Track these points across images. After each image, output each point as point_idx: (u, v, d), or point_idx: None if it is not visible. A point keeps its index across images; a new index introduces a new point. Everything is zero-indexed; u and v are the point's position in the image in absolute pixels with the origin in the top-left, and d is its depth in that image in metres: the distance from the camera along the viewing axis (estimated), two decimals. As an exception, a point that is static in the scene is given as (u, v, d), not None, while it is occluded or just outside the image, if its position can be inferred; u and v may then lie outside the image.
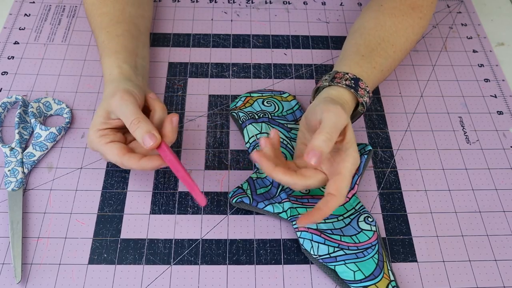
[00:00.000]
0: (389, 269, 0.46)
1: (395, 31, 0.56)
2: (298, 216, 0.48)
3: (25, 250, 0.47)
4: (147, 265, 0.47)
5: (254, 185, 0.51)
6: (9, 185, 0.50)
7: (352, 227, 0.48)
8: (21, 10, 0.67)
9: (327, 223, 0.48)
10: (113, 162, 0.46)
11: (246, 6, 0.70)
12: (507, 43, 0.68)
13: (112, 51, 0.53)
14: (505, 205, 0.52)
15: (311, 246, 0.46)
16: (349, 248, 0.46)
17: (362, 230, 0.47)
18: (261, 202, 0.49)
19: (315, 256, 0.46)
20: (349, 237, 0.47)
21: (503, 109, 0.61)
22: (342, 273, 0.45)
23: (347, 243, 0.46)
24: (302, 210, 0.48)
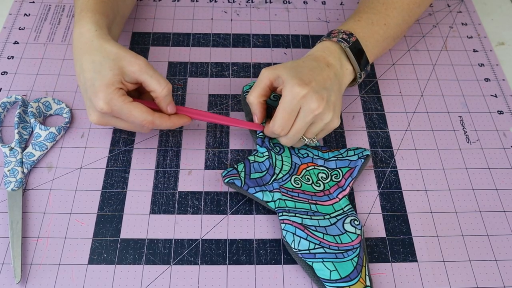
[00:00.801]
0: (367, 274, 0.46)
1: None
2: (286, 208, 0.48)
3: (25, 250, 0.47)
4: (147, 265, 0.47)
5: (250, 168, 0.51)
6: (9, 185, 0.50)
7: (337, 227, 0.48)
8: (21, 10, 0.67)
9: (313, 219, 0.48)
10: (139, 121, 0.46)
11: (246, 5, 0.70)
12: (507, 43, 0.68)
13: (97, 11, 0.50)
14: (505, 205, 0.52)
15: (293, 240, 0.46)
16: (330, 247, 0.46)
17: (346, 232, 0.47)
18: (252, 187, 0.49)
19: (295, 250, 0.46)
20: (331, 237, 0.47)
21: (504, 108, 0.60)
22: (318, 271, 0.45)
23: (328, 242, 0.46)
24: (291, 203, 0.48)
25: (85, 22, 0.48)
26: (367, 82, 0.62)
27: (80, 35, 0.48)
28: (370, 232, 0.50)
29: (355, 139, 0.56)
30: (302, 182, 0.51)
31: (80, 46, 0.47)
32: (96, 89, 0.45)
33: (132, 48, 0.63)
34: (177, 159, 0.54)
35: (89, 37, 0.47)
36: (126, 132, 0.56)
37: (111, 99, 0.44)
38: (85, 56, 0.46)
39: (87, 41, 0.47)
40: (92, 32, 0.47)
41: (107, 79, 0.44)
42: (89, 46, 0.47)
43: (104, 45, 0.46)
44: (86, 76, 0.46)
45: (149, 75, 0.46)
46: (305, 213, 0.48)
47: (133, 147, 0.55)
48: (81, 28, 0.48)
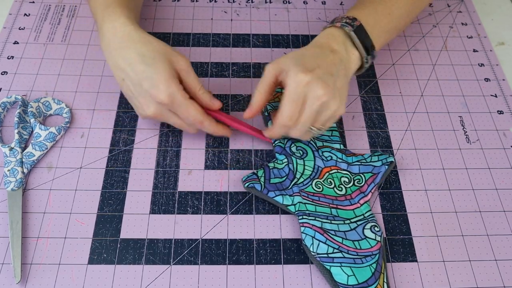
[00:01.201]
0: (385, 281, 0.45)
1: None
2: (306, 211, 0.48)
3: (25, 250, 0.47)
4: (147, 265, 0.47)
5: (269, 174, 0.51)
6: (9, 185, 0.50)
7: (356, 232, 0.48)
8: (21, 10, 0.67)
9: (332, 223, 0.48)
10: (192, 119, 0.48)
11: (246, 5, 0.70)
12: (507, 43, 0.68)
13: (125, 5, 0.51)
14: (505, 205, 0.52)
15: (312, 243, 0.46)
16: (348, 252, 0.46)
17: (366, 238, 0.47)
18: (272, 191, 0.49)
19: (314, 253, 0.46)
20: (351, 242, 0.47)
21: (504, 108, 0.60)
22: (336, 275, 0.45)
23: (347, 247, 0.46)
24: (311, 207, 0.48)
25: (117, 16, 0.48)
26: (367, 82, 0.62)
27: (114, 29, 0.48)
28: (370, 232, 0.50)
29: (355, 139, 0.56)
30: (324, 186, 0.51)
31: (116, 40, 0.48)
32: (155, 81, 0.45)
33: (132, 48, 0.63)
34: (177, 159, 0.54)
35: (126, 30, 0.47)
36: (126, 132, 0.56)
37: (172, 92, 0.46)
38: (128, 50, 0.47)
39: (125, 35, 0.47)
40: (128, 25, 0.48)
41: (167, 72, 0.45)
42: (129, 39, 0.47)
43: (147, 38, 0.47)
44: (137, 68, 0.46)
45: (192, 74, 0.48)
46: (325, 217, 0.48)
47: (133, 147, 0.55)
48: (113, 22, 0.48)
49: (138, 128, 0.56)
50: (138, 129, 0.56)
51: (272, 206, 0.51)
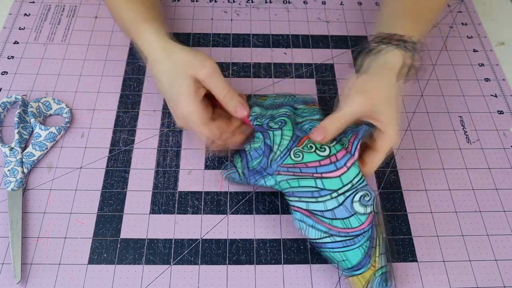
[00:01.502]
0: (379, 254, 0.44)
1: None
2: (290, 190, 0.46)
3: (25, 250, 0.47)
4: (147, 265, 0.47)
5: (247, 158, 0.49)
6: (9, 185, 0.50)
7: (345, 208, 0.44)
8: (21, 10, 0.67)
9: (319, 201, 0.45)
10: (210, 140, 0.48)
11: (246, 5, 0.70)
12: (507, 43, 0.68)
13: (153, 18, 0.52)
14: (506, 205, 0.52)
15: (300, 228, 0.45)
16: (338, 234, 0.44)
17: (355, 214, 0.44)
18: (252, 176, 0.48)
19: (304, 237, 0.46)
20: (340, 221, 0.44)
21: (504, 108, 0.60)
22: (329, 260, 0.45)
23: (337, 228, 0.44)
24: (294, 182, 0.46)
25: (148, 33, 0.50)
26: (367, 82, 0.62)
27: (149, 49, 0.50)
28: (370, 232, 0.50)
29: (355, 139, 0.56)
30: (303, 153, 0.46)
31: (151, 58, 0.50)
32: (176, 101, 0.47)
33: (133, 47, 0.63)
34: (177, 159, 0.54)
35: (156, 48, 0.49)
36: (126, 132, 0.56)
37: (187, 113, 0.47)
38: (157, 67, 0.49)
39: (156, 54, 0.49)
40: (158, 43, 0.49)
41: (186, 91, 0.46)
42: (159, 56, 0.49)
43: (170, 55, 0.48)
44: (163, 86, 0.49)
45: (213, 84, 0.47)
46: (310, 195, 0.45)
47: (133, 147, 0.55)
48: (147, 40, 0.50)
49: (138, 128, 0.56)
50: (138, 129, 0.56)
51: (272, 206, 0.51)
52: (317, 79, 0.62)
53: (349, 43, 0.66)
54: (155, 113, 0.58)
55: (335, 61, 0.64)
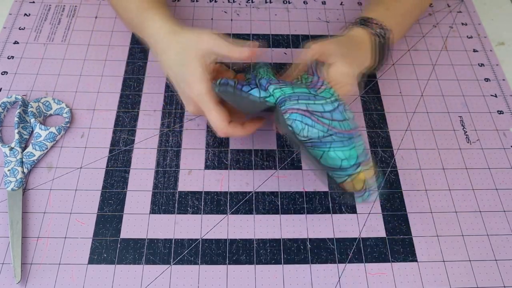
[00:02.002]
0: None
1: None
2: (286, 95, 0.45)
3: (25, 250, 0.47)
4: (147, 265, 0.47)
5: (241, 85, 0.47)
6: (9, 185, 0.50)
7: (340, 112, 0.45)
8: (21, 10, 0.67)
9: (317, 103, 0.45)
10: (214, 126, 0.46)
11: (246, 5, 0.70)
12: (507, 43, 0.68)
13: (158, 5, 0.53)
14: (505, 205, 0.52)
15: (302, 128, 0.44)
16: (337, 135, 0.44)
17: (347, 119, 0.45)
18: (247, 85, 0.47)
19: (305, 138, 0.44)
20: (338, 123, 0.45)
21: (504, 108, 0.60)
22: (329, 160, 0.44)
23: (335, 129, 0.44)
24: (288, 89, 0.46)
25: (154, 20, 0.51)
26: (367, 82, 0.62)
27: (155, 35, 0.50)
28: (370, 232, 0.50)
29: (355, 139, 0.56)
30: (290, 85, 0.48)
31: (159, 45, 0.50)
32: (188, 82, 0.47)
33: (133, 47, 0.64)
34: (177, 159, 0.54)
35: (163, 33, 0.50)
36: (126, 132, 0.56)
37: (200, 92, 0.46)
38: (167, 53, 0.49)
39: (164, 38, 0.49)
40: (165, 28, 0.50)
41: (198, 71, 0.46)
42: (167, 42, 0.49)
43: (177, 37, 0.48)
44: (174, 71, 0.48)
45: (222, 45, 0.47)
46: (307, 97, 0.45)
47: (133, 147, 0.55)
48: (153, 27, 0.50)
49: (138, 128, 0.56)
50: (138, 129, 0.56)
51: (272, 206, 0.51)
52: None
53: (349, 43, 0.66)
54: (155, 113, 0.58)
55: (335, 61, 0.64)
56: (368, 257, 0.48)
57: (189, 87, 0.47)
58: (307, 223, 0.50)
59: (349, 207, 0.51)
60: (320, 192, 0.52)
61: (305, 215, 0.51)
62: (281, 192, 0.52)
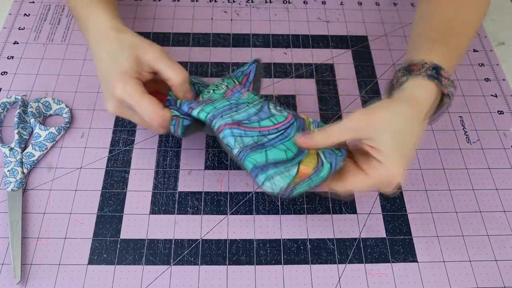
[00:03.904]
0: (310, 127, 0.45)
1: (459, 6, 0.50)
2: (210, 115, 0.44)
3: (25, 250, 0.47)
4: (147, 266, 0.47)
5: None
6: (9, 185, 0.50)
7: (265, 111, 0.46)
8: (21, 10, 0.67)
9: (240, 112, 0.45)
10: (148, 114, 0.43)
11: (246, 5, 0.70)
12: (507, 43, 0.68)
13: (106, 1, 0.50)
14: (506, 205, 0.52)
15: (235, 141, 0.43)
16: (270, 132, 0.44)
17: (274, 115, 0.45)
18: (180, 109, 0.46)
19: (241, 148, 0.42)
20: (267, 120, 0.45)
21: (504, 108, 0.60)
22: (275, 156, 0.42)
23: (267, 127, 0.44)
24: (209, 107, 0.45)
25: (98, 13, 0.49)
26: (367, 82, 0.62)
27: (95, 27, 0.48)
28: (370, 232, 0.50)
29: (355, 139, 0.56)
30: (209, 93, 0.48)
31: (97, 37, 0.48)
32: (112, 77, 0.45)
33: (132, 48, 0.63)
34: (177, 159, 0.54)
35: (104, 28, 0.48)
36: (126, 132, 0.56)
37: (125, 86, 0.44)
38: (102, 47, 0.47)
39: (103, 32, 0.48)
40: (107, 22, 0.48)
41: (123, 68, 0.44)
42: (105, 36, 0.47)
43: (120, 35, 0.47)
44: (104, 66, 0.46)
45: (164, 63, 0.45)
46: (228, 109, 0.45)
47: (133, 147, 0.55)
48: (95, 19, 0.49)
49: (138, 128, 0.56)
50: (138, 129, 0.56)
51: (272, 206, 0.51)
52: (317, 79, 0.62)
53: (349, 43, 0.66)
54: (155, 113, 0.57)
55: (335, 61, 0.64)
56: (368, 257, 0.48)
57: (113, 84, 0.44)
58: (307, 224, 0.50)
59: (349, 208, 0.51)
60: (320, 192, 0.52)
61: (305, 215, 0.51)
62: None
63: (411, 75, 0.44)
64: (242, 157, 0.42)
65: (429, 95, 0.43)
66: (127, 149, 0.54)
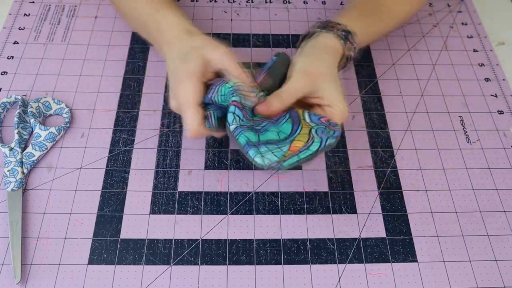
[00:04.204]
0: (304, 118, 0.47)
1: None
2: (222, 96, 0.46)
3: (25, 250, 0.47)
4: (147, 266, 0.47)
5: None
6: (9, 185, 0.50)
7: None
8: (21, 10, 0.67)
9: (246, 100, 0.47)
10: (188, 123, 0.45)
11: (246, 5, 0.70)
12: (507, 43, 0.68)
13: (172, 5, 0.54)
14: (506, 205, 0.52)
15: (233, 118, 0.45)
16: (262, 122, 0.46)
17: None
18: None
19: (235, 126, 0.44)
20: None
21: (504, 108, 0.60)
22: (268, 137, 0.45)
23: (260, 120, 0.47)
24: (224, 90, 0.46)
25: (169, 18, 0.52)
26: (367, 82, 0.62)
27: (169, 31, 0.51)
28: (370, 232, 0.50)
29: (355, 139, 0.56)
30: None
31: (171, 40, 0.50)
32: (178, 77, 0.47)
33: (133, 47, 0.63)
34: (177, 159, 0.54)
35: (178, 31, 0.50)
36: (126, 132, 0.56)
37: (190, 92, 0.46)
38: (174, 48, 0.49)
39: (176, 35, 0.50)
40: (179, 26, 0.51)
41: (190, 68, 0.46)
42: (178, 39, 0.50)
43: (191, 37, 0.50)
44: (173, 65, 0.48)
45: (227, 64, 0.47)
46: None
47: (133, 147, 0.55)
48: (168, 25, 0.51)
49: (138, 128, 0.56)
50: (138, 129, 0.56)
51: (272, 206, 0.51)
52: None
53: (349, 43, 0.66)
54: (155, 113, 0.58)
55: (335, 61, 0.64)
56: (368, 257, 0.48)
57: (180, 82, 0.46)
58: (307, 224, 0.50)
59: (349, 208, 0.51)
60: (320, 192, 0.52)
61: (305, 215, 0.51)
62: (281, 192, 0.52)
63: (325, 30, 0.53)
64: (236, 133, 0.44)
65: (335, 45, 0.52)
66: (127, 149, 0.54)
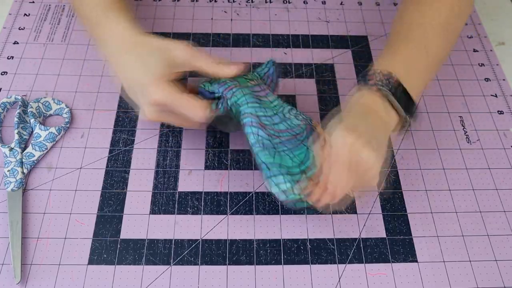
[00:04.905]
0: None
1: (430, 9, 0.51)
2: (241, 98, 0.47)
3: (25, 250, 0.47)
4: (147, 266, 0.47)
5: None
6: (9, 185, 0.50)
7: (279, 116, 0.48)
8: (21, 10, 0.67)
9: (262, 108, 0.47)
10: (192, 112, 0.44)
11: (246, 5, 0.70)
12: (507, 43, 0.68)
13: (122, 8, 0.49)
14: (506, 205, 0.52)
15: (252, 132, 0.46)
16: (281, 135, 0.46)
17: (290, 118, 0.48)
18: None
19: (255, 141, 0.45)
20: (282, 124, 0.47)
21: (504, 108, 0.60)
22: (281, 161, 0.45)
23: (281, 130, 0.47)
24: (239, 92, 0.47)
25: (118, 20, 0.48)
26: (367, 82, 0.62)
27: (118, 34, 0.48)
28: (370, 233, 0.50)
29: (355, 139, 0.56)
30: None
31: (120, 45, 0.47)
32: (146, 83, 0.45)
33: (132, 48, 0.63)
34: (177, 159, 0.54)
35: (128, 35, 0.47)
36: (126, 132, 0.56)
37: (162, 90, 0.44)
38: (128, 54, 0.47)
39: (127, 39, 0.47)
40: (130, 30, 0.47)
41: (156, 72, 0.44)
42: (131, 43, 0.47)
43: (145, 40, 0.47)
44: (132, 74, 0.46)
45: (194, 60, 0.46)
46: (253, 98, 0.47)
47: (133, 147, 0.55)
48: (116, 26, 0.48)
49: (138, 128, 0.56)
50: (138, 129, 0.56)
51: (272, 206, 0.51)
52: (317, 79, 0.62)
53: (349, 43, 0.66)
54: (155, 113, 0.57)
55: (335, 61, 0.64)
56: (368, 257, 0.48)
57: (149, 90, 0.44)
58: (307, 224, 0.50)
59: (349, 208, 0.51)
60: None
61: (305, 215, 0.51)
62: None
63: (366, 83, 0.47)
64: (255, 150, 0.45)
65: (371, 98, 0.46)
66: (127, 149, 0.54)
